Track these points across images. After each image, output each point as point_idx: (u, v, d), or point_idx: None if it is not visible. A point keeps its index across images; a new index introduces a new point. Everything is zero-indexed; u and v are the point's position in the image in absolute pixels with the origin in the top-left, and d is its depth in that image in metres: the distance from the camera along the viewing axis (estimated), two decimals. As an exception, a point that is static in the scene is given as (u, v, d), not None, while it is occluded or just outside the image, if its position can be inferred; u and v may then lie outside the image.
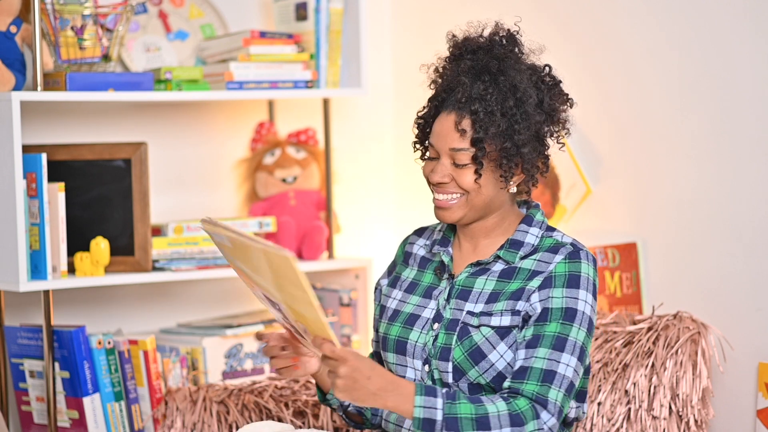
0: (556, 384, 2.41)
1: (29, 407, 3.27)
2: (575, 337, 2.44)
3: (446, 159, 2.50)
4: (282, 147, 3.66)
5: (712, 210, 3.03)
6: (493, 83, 2.47)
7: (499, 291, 2.50)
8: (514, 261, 2.52)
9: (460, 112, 2.47)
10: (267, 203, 3.64)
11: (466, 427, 2.36)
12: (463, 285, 2.54)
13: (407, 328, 2.55)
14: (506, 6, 3.50)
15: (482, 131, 2.45)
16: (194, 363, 3.40)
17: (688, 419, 2.84)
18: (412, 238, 2.70)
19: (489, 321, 2.48)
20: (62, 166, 3.26)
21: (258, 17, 3.72)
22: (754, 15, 2.94)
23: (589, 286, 2.48)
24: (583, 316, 2.45)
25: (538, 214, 2.57)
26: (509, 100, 2.46)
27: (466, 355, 2.47)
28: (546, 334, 2.44)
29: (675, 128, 3.11)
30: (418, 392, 2.37)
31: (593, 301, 2.48)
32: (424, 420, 2.36)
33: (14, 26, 3.19)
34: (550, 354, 2.43)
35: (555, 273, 2.48)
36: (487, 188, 2.50)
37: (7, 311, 3.34)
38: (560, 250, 2.50)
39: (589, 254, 2.51)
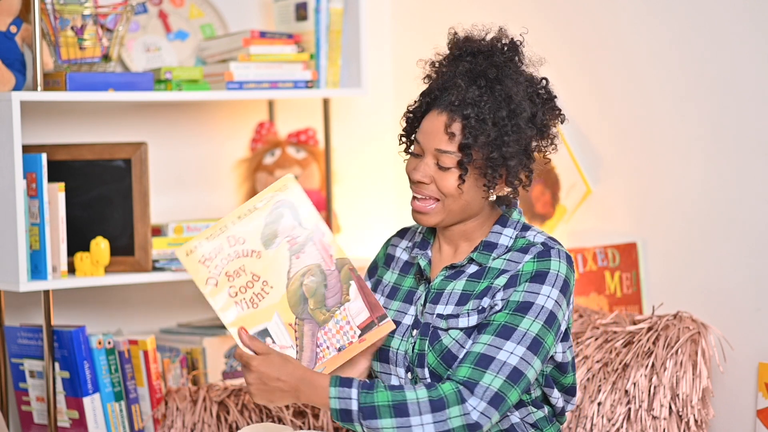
0: (492, 369, 2.35)
1: (29, 407, 3.27)
2: (525, 328, 2.38)
3: (430, 159, 2.47)
4: (282, 147, 3.66)
5: (712, 210, 3.03)
6: (488, 90, 2.43)
7: (469, 292, 2.48)
8: (486, 262, 2.49)
9: (451, 114, 2.44)
10: (267, 203, 3.64)
11: (384, 414, 2.33)
12: (437, 288, 2.52)
13: (389, 336, 2.53)
14: (506, 6, 3.50)
15: (471, 138, 2.41)
16: (194, 363, 3.40)
17: (688, 419, 2.84)
18: (395, 240, 2.67)
19: (457, 323, 2.45)
20: (62, 166, 3.26)
21: (258, 17, 3.72)
22: (755, 14, 2.94)
23: (557, 282, 2.42)
24: (541, 309, 2.39)
25: (514, 213, 2.54)
26: (503, 110, 2.42)
27: (438, 359, 2.45)
28: (492, 322, 2.40)
29: (675, 128, 3.11)
30: (332, 384, 2.36)
31: (559, 297, 2.42)
32: (341, 411, 2.35)
33: (14, 26, 3.19)
34: (492, 340, 2.38)
35: (522, 271, 2.44)
36: (468, 194, 2.46)
37: (7, 311, 3.34)
38: (530, 250, 2.46)
39: (561, 252, 2.46)
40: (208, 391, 3.18)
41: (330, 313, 2.40)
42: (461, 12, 3.66)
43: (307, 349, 2.40)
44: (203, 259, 2.38)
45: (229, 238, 2.39)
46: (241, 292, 2.39)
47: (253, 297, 2.40)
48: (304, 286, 2.40)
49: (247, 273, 2.39)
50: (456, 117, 2.43)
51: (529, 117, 2.45)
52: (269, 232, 2.40)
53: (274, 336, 2.40)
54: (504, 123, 2.42)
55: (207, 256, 2.38)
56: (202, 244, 2.38)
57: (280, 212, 2.39)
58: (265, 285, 2.40)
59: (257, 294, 2.40)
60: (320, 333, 2.40)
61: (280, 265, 2.39)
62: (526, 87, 2.47)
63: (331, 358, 2.40)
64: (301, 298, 2.40)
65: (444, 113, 2.45)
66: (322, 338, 2.40)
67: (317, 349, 2.40)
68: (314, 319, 2.40)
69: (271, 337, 2.40)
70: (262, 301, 2.39)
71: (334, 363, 2.41)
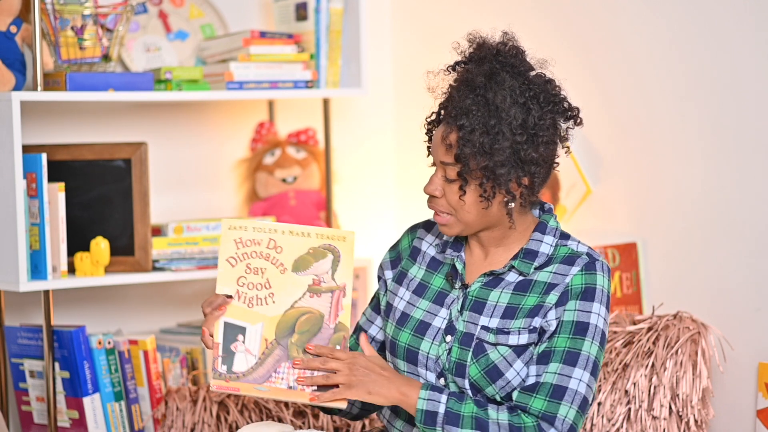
0: (566, 400, 2.37)
1: (29, 407, 3.27)
2: (588, 352, 2.40)
3: (439, 171, 2.46)
4: (282, 147, 3.66)
5: (712, 210, 3.03)
6: (481, 98, 2.40)
7: (515, 305, 2.45)
8: (528, 272, 2.46)
9: (449, 126, 2.43)
10: (267, 203, 3.64)
11: (466, 425, 2.36)
12: (476, 296, 2.48)
13: (417, 337, 2.50)
14: (506, 6, 3.50)
15: (464, 147, 2.39)
16: (194, 363, 3.40)
17: (688, 419, 2.84)
18: (421, 233, 2.62)
19: (507, 340, 2.43)
20: (62, 166, 3.26)
21: (258, 17, 3.72)
22: (755, 14, 2.94)
23: (603, 298, 2.43)
24: (595, 330, 2.41)
25: (551, 221, 2.51)
26: (492, 118, 2.39)
27: (482, 373, 2.43)
28: (556, 349, 2.40)
29: (675, 128, 3.11)
30: (425, 387, 2.40)
31: (606, 314, 2.44)
32: (426, 412, 2.37)
33: (14, 26, 3.19)
34: (561, 369, 2.39)
35: (571, 287, 2.43)
36: (472, 207, 2.44)
37: (7, 311, 3.34)
38: (576, 261, 2.44)
39: (604, 264, 2.46)
40: (208, 391, 3.18)
41: (304, 357, 2.45)
42: (461, 12, 3.66)
43: (265, 366, 2.44)
44: (239, 241, 2.44)
45: (271, 240, 2.44)
46: (248, 288, 2.44)
47: (254, 298, 2.45)
48: (299, 321, 2.46)
49: (263, 277, 2.44)
50: (453, 128, 2.42)
51: (519, 124, 2.40)
52: (304, 261, 2.46)
53: (247, 338, 2.44)
54: (494, 131, 2.39)
55: (244, 240, 2.44)
56: (248, 229, 2.44)
57: (324, 253, 2.46)
58: (270, 297, 2.45)
59: (259, 298, 2.45)
60: (285, 364, 2.44)
61: (294, 291, 2.45)
62: (522, 92, 2.43)
63: (277, 389, 2.44)
64: (290, 327, 2.45)
65: (443, 125, 2.45)
66: (282, 368, 2.44)
67: (273, 373, 2.44)
68: (288, 351, 2.45)
69: (244, 336, 2.44)
70: (258, 306, 2.45)
71: (276, 393, 2.45)
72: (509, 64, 2.44)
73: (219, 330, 2.44)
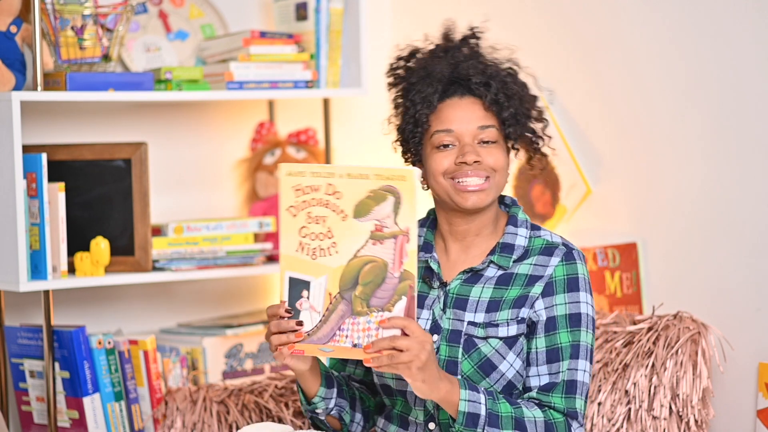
0: (579, 393, 2.46)
1: (29, 407, 3.27)
2: (585, 341, 2.48)
3: (472, 140, 2.50)
4: (282, 147, 3.66)
5: (712, 210, 3.03)
6: (497, 65, 2.54)
7: (498, 299, 2.49)
8: (508, 265, 2.51)
9: (482, 92, 2.50)
10: (267, 203, 3.64)
11: (506, 425, 2.38)
12: (457, 293, 2.52)
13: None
14: (506, 5, 3.50)
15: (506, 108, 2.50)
16: (194, 363, 3.40)
17: (688, 419, 2.84)
18: None
19: (496, 332, 2.46)
20: (62, 166, 3.26)
21: (258, 17, 3.72)
22: (756, 13, 2.93)
23: (586, 286, 2.51)
24: (587, 318, 2.49)
25: (519, 213, 2.57)
26: (516, 81, 2.54)
27: (475, 368, 2.46)
28: (563, 345, 2.46)
29: (675, 128, 3.11)
30: (462, 386, 2.37)
31: (592, 300, 2.52)
32: (469, 414, 2.36)
33: (14, 26, 3.19)
34: (570, 364, 2.46)
35: (555, 278, 2.49)
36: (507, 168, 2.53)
37: (7, 311, 3.34)
38: (555, 252, 2.51)
39: (579, 252, 2.53)
40: (208, 391, 3.18)
41: (368, 310, 2.35)
42: (461, 12, 3.65)
43: (329, 324, 2.35)
44: (298, 187, 2.36)
45: (329, 185, 2.35)
46: (310, 238, 2.36)
47: (316, 249, 2.36)
48: (362, 271, 2.35)
49: (324, 225, 2.35)
50: (486, 93, 2.50)
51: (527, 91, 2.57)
52: (365, 206, 2.35)
53: (312, 293, 2.36)
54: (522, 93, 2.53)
55: (303, 187, 2.36)
56: (306, 174, 2.36)
57: (384, 195, 2.34)
58: (333, 246, 2.35)
59: (322, 249, 2.36)
60: (348, 320, 2.35)
61: (356, 238, 2.34)
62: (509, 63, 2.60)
63: (342, 348, 2.35)
64: (353, 279, 2.35)
65: (466, 96, 2.52)
66: (347, 325, 2.35)
67: (338, 331, 2.35)
68: (352, 304, 2.35)
69: (308, 291, 2.36)
70: (321, 257, 2.35)
71: (340, 353, 2.36)
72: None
73: (285, 286, 2.35)
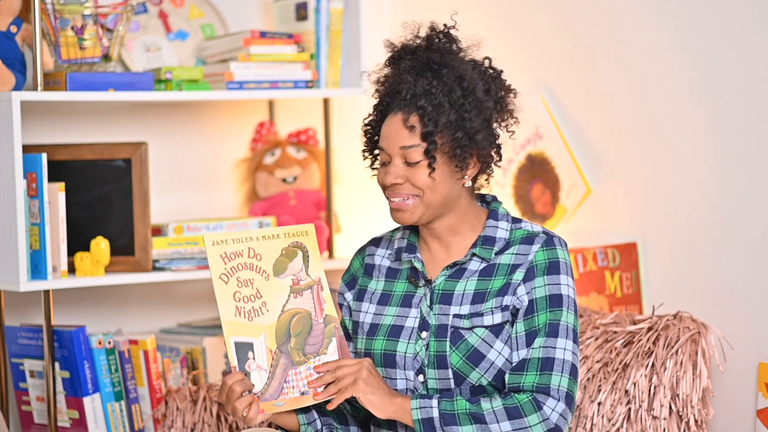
0: (558, 371, 2.43)
1: (29, 407, 3.27)
2: (566, 321, 2.47)
3: (398, 159, 2.50)
4: (282, 147, 3.66)
5: (712, 210, 3.03)
6: (437, 77, 2.48)
7: (483, 290, 2.50)
8: (490, 257, 2.52)
9: (406, 110, 2.48)
10: (267, 203, 3.64)
11: (464, 421, 2.40)
12: (443, 289, 2.53)
13: (393, 340, 2.53)
14: (506, 5, 3.50)
15: (431, 124, 2.45)
16: (194, 363, 3.40)
17: (688, 419, 2.84)
18: (371, 249, 2.67)
19: (482, 321, 2.48)
20: (62, 166, 3.26)
21: (258, 17, 3.72)
22: (758, 13, 2.93)
23: (567, 269, 2.51)
24: (568, 300, 2.48)
25: (500, 208, 2.58)
26: (456, 90, 2.47)
27: (464, 359, 2.47)
28: (540, 326, 2.46)
29: (675, 128, 3.11)
30: (414, 398, 2.45)
31: (573, 283, 2.51)
32: (423, 420, 2.41)
33: (14, 26, 3.19)
34: (545, 342, 2.45)
35: (536, 262, 2.50)
36: (443, 183, 2.48)
37: (8, 311, 3.34)
38: (535, 240, 2.52)
39: (561, 240, 2.54)
40: (208, 391, 3.18)
41: (305, 358, 2.50)
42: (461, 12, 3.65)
43: (276, 379, 2.48)
44: (224, 255, 2.48)
45: (249, 249, 2.49)
46: (244, 301, 2.49)
47: (251, 310, 2.49)
48: (291, 324, 2.51)
49: (253, 287, 2.49)
50: (411, 110, 2.47)
51: (484, 90, 2.49)
52: (281, 264, 2.52)
53: (256, 353, 2.48)
54: (461, 102, 2.47)
55: (228, 254, 2.48)
56: (228, 242, 2.49)
57: (294, 251, 2.53)
58: (263, 306, 2.50)
59: (255, 309, 2.49)
60: (291, 371, 2.49)
61: (280, 295, 2.51)
62: (472, 66, 2.52)
63: (293, 398, 2.48)
64: (286, 333, 2.50)
65: (399, 112, 2.50)
66: (291, 376, 2.49)
67: (284, 384, 2.48)
68: (290, 356, 2.49)
69: (253, 352, 2.48)
70: (256, 317, 2.49)
71: (293, 403, 2.49)
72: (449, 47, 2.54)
73: (232, 352, 2.46)
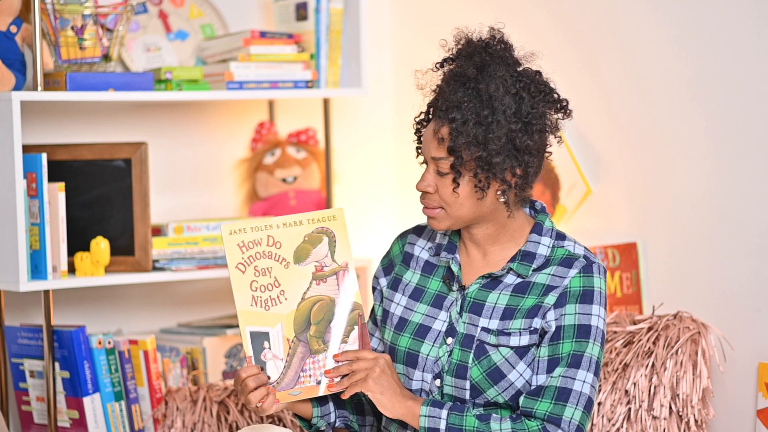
0: (572, 402, 2.39)
1: (29, 407, 3.27)
2: (591, 353, 2.42)
3: (431, 167, 2.48)
4: (282, 147, 3.66)
5: (712, 210, 3.03)
6: (473, 91, 2.43)
7: (513, 306, 2.47)
8: (527, 274, 2.48)
9: (440, 120, 2.45)
10: (267, 203, 3.64)
11: None
12: (475, 298, 2.50)
13: (418, 340, 2.52)
14: (507, 4, 3.50)
15: (457, 140, 2.41)
16: (194, 363, 3.40)
17: (688, 419, 2.84)
18: (412, 238, 2.64)
19: (508, 341, 2.44)
20: (62, 166, 3.26)
21: (258, 17, 3.72)
22: (758, 13, 2.93)
23: (601, 300, 2.46)
24: (596, 331, 2.43)
25: (546, 221, 2.53)
26: (485, 109, 2.41)
27: (484, 375, 2.45)
28: (563, 354, 2.42)
29: (675, 128, 3.11)
30: (425, 404, 2.43)
31: (605, 314, 2.46)
32: (430, 429, 2.41)
33: (14, 26, 3.19)
34: (566, 371, 2.41)
35: (570, 288, 2.45)
36: (467, 200, 2.45)
37: (7, 311, 3.34)
38: (574, 264, 2.47)
39: (601, 266, 2.48)
40: (208, 391, 3.18)
41: (325, 346, 2.48)
42: (461, 12, 3.66)
43: (293, 368, 2.46)
44: (242, 244, 2.46)
45: (269, 237, 2.47)
46: (261, 291, 2.47)
47: (268, 300, 2.47)
48: (312, 312, 2.48)
49: (271, 276, 2.47)
50: (444, 122, 2.45)
51: (513, 112, 2.43)
52: (303, 251, 2.49)
53: (272, 342, 2.46)
54: (488, 121, 2.41)
55: (246, 243, 2.46)
56: (246, 231, 2.47)
57: (319, 237, 2.50)
58: (282, 294, 2.47)
59: (272, 298, 2.47)
60: (309, 360, 2.47)
61: (301, 283, 2.48)
62: (513, 83, 2.45)
63: (309, 387, 2.47)
64: (306, 321, 2.48)
65: (434, 120, 2.48)
66: (308, 365, 2.47)
67: (301, 373, 2.47)
68: (309, 345, 2.47)
69: (269, 342, 2.46)
70: (273, 307, 2.46)
71: (309, 392, 2.48)
72: (498, 56, 2.47)
73: (247, 342, 2.45)
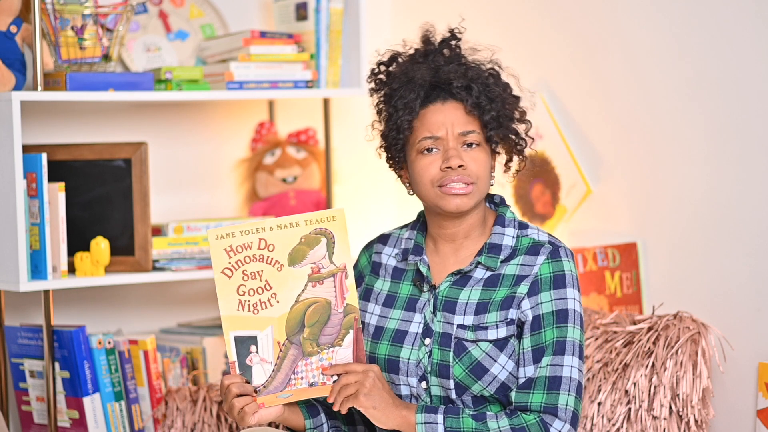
0: (563, 389, 2.41)
1: (29, 407, 3.27)
2: (573, 337, 2.45)
3: (455, 144, 2.48)
4: (282, 147, 3.66)
5: (712, 210, 3.03)
6: (478, 67, 2.52)
7: (486, 300, 2.48)
8: (495, 266, 2.50)
9: (464, 96, 2.48)
10: (267, 203, 3.64)
11: None
12: (446, 296, 2.51)
13: (396, 346, 2.52)
14: (507, 5, 3.50)
15: (487, 112, 2.48)
16: (194, 363, 3.40)
17: (688, 419, 2.84)
18: (378, 247, 2.66)
19: (486, 335, 2.46)
20: (62, 166, 3.26)
21: (258, 17, 3.72)
22: (759, 13, 2.93)
23: (574, 282, 2.48)
24: (574, 314, 2.46)
25: (507, 212, 2.56)
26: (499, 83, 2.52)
27: (467, 371, 2.46)
28: (547, 343, 2.44)
29: (675, 128, 3.11)
30: (419, 411, 2.42)
31: (579, 296, 2.49)
32: None
33: (14, 26, 3.19)
34: (552, 360, 2.42)
35: (540, 276, 2.47)
36: (488, 174, 2.51)
37: (7, 311, 3.34)
38: (541, 251, 2.49)
39: (567, 250, 2.51)
40: (208, 391, 3.18)
41: (318, 349, 2.44)
42: (462, 12, 3.66)
43: (283, 371, 2.43)
44: (229, 249, 2.40)
45: (261, 240, 2.41)
46: (249, 295, 2.41)
47: (257, 303, 2.42)
48: (307, 314, 2.43)
49: (261, 279, 2.41)
50: (468, 97, 2.48)
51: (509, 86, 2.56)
52: (299, 253, 2.43)
53: (259, 346, 2.42)
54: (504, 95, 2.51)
55: (234, 248, 2.40)
56: (235, 235, 2.40)
57: (317, 238, 2.43)
58: (273, 297, 2.42)
59: (262, 302, 2.42)
60: (301, 362, 2.43)
61: (295, 285, 2.42)
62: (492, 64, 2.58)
63: (300, 390, 2.44)
64: (299, 323, 2.43)
65: (449, 100, 2.50)
66: (300, 367, 2.43)
67: (292, 375, 2.43)
68: (302, 347, 2.43)
69: (256, 346, 2.42)
70: (263, 310, 2.42)
71: (299, 395, 2.44)
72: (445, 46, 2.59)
73: (231, 347, 2.41)
